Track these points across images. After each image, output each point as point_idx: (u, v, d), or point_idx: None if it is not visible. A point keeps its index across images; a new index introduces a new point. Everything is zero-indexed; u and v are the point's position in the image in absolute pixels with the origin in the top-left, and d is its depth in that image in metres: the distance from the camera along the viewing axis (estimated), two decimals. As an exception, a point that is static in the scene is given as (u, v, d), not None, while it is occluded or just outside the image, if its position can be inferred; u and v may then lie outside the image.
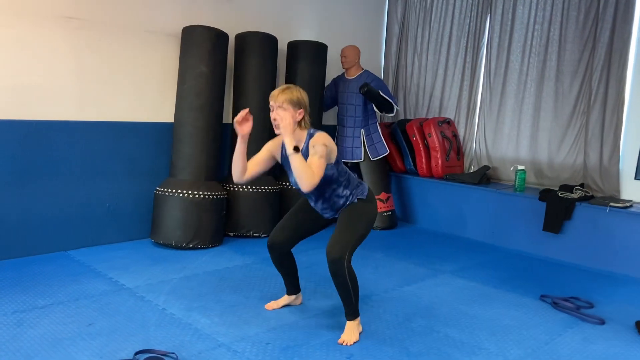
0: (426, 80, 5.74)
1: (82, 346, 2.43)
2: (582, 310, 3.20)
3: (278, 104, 2.53)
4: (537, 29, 4.89)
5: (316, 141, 2.53)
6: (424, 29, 5.72)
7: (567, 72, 4.71)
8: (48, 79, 3.66)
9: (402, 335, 2.73)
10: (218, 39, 4.13)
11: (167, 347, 2.46)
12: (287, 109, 2.52)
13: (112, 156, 4.01)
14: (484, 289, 3.52)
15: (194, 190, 3.97)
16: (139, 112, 4.13)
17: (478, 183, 4.96)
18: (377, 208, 2.81)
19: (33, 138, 3.63)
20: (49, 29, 3.62)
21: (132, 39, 4.01)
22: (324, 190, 2.64)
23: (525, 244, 4.53)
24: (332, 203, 2.68)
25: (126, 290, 3.14)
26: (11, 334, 2.51)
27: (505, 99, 5.12)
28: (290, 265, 2.92)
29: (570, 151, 4.74)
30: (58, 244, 3.80)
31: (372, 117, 5.05)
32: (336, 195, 2.66)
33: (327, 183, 2.61)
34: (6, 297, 2.93)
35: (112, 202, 4.05)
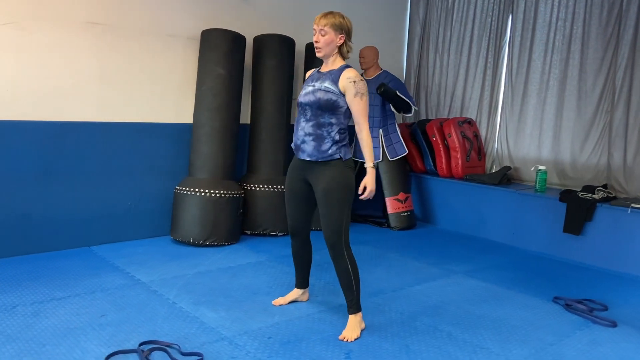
0: (447, 80, 5.71)
1: (91, 336, 2.54)
2: (595, 313, 3.13)
3: (320, 27, 2.60)
4: (559, 27, 4.80)
5: (355, 75, 2.60)
6: (446, 29, 5.69)
7: (590, 70, 4.61)
8: (72, 82, 3.82)
9: (404, 333, 2.74)
10: (235, 42, 4.23)
11: (172, 338, 2.54)
12: (328, 32, 2.59)
13: (133, 156, 4.15)
14: (496, 289, 3.49)
15: (211, 189, 4.07)
16: (160, 113, 4.27)
17: (498, 184, 4.90)
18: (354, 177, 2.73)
19: (58, 138, 3.80)
20: (73, 34, 3.78)
21: (153, 43, 4.14)
22: (321, 115, 2.63)
23: (545, 245, 4.45)
24: (318, 136, 2.63)
25: (141, 285, 3.25)
26: (27, 323, 2.64)
27: (527, 99, 5.05)
28: (308, 254, 2.98)
29: (594, 151, 4.63)
30: (82, 239, 3.96)
31: (390, 118, 5.05)
32: (328, 131, 2.62)
33: (329, 109, 2.61)
34: (28, 289, 3.09)
35: (133, 200, 4.19)
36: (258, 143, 4.51)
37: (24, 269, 3.41)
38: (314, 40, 2.65)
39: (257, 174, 4.52)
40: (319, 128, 2.64)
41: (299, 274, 3.05)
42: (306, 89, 2.70)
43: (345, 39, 2.66)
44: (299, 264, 3.01)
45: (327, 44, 2.63)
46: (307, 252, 2.98)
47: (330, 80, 2.62)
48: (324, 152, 2.64)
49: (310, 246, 2.98)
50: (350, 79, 2.59)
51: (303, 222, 2.87)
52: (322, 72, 2.71)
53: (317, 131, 2.64)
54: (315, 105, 2.62)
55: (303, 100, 2.68)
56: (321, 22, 2.62)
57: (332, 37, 2.61)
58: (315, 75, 2.74)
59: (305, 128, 2.67)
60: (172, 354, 2.39)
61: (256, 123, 4.54)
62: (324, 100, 2.60)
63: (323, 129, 2.63)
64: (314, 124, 2.65)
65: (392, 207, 5.03)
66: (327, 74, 2.66)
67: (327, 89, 2.61)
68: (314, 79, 2.72)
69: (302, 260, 3.00)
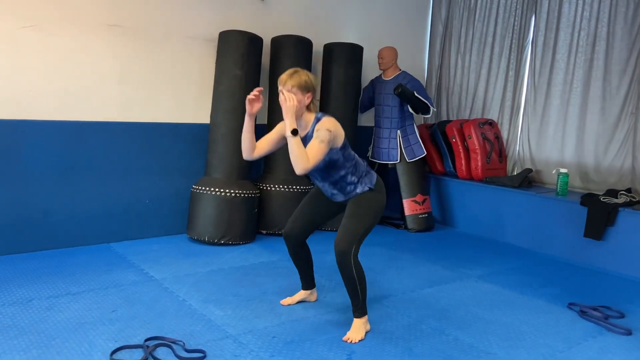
0: (469, 81, 5.63)
1: (101, 331, 2.61)
2: (610, 320, 3.05)
3: (287, 89, 2.56)
4: (583, 26, 4.69)
5: (321, 125, 2.56)
6: (468, 29, 5.62)
7: (615, 71, 4.49)
8: (93, 83, 3.92)
9: (409, 336, 2.72)
10: (252, 43, 4.27)
11: (178, 335, 2.59)
12: (295, 93, 2.55)
13: (151, 155, 4.23)
14: (508, 294, 3.43)
15: (226, 189, 4.12)
16: (178, 113, 4.34)
17: (519, 186, 4.81)
18: (385, 199, 2.80)
19: (79, 138, 3.90)
20: (95, 36, 3.88)
21: (171, 44, 4.22)
22: (330, 174, 2.67)
23: (565, 250, 4.35)
24: (340, 188, 2.72)
25: (153, 281, 3.32)
26: (41, 316, 2.73)
27: (550, 100, 4.94)
28: (306, 258, 2.98)
29: (618, 154, 4.51)
30: (101, 236, 4.06)
31: (409, 119, 5.02)
32: (344, 181, 2.69)
33: (333, 167, 2.64)
34: (45, 283, 3.19)
35: (151, 199, 4.27)
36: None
37: (43, 264, 3.52)
38: (280, 101, 2.55)
39: (274, 174, 4.55)
40: (337, 184, 2.72)
41: (302, 275, 3.06)
42: None
43: (312, 97, 2.63)
44: (300, 266, 3.01)
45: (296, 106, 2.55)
46: (304, 254, 2.97)
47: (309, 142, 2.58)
48: (351, 193, 2.73)
49: (307, 248, 2.97)
50: (317, 131, 2.53)
51: (303, 228, 2.87)
52: (301, 136, 2.62)
53: (337, 186, 2.73)
54: (320, 170, 2.67)
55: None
56: (288, 83, 2.56)
57: (299, 97, 2.56)
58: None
59: (326, 186, 2.77)
60: (176, 350, 2.43)
61: (272, 124, 4.56)
62: (322, 165, 2.63)
63: (340, 182, 2.71)
64: (330, 183, 2.73)
65: (409, 209, 5.00)
66: (307, 139, 2.62)
67: None
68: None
69: (301, 263, 2.99)
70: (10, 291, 3.03)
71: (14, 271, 3.36)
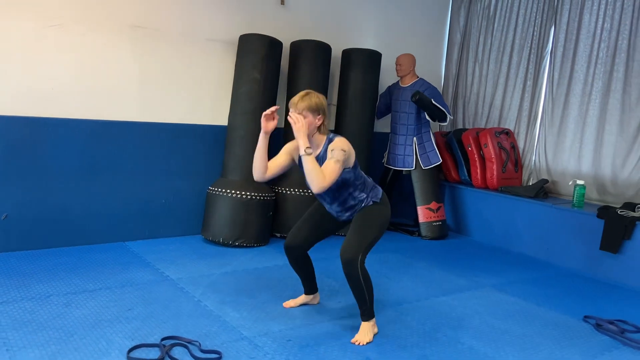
0: (486, 90, 5.62)
1: (117, 329, 2.63)
2: (626, 334, 3.02)
3: (298, 112, 2.58)
4: (604, 38, 4.66)
5: (335, 145, 2.59)
6: (486, 38, 5.61)
7: (635, 83, 4.46)
8: (114, 83, 3.97)
9: (424, 344, 2.72)
10: (272, 47, 4.30)
11: (193, 335, 2.60)
12: (306, 115, 2.58)
13: (169, 156, 4.27)
14: (524, 305, 3.41)
15: (242, 191, 4.14)
16: (196, 115, 4.38)
17: (534, 197, 4.79)
18: (390, 212, 2.82)
19: (99, 137, 3.95)
20: (117, 37, 3.93)
21: (192, 47, 4.26)
22: (340, 193, 2.71)
23: (581, 262, 4.32)
24: (347, 206, 2.75)
25: (169, 281, 3.34)
26: (59, 312, 2.76)
27: (568, 111, 4.92)
28: (307, 267, 2.98)
29: (636, 167, 4.47)
30: (117, 235, 4.10)
31: (425, 126, 5.02)
32: (352, 198, 2.72)
33: (345, 186, 2.68)
34: (63, 280, 3.22)
35: (168, 199, 4.31)
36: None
37: (61, 261, 3.56)
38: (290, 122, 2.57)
39: (289, 177, 4.56)
40: (345, 203, 2.74)
41: (304, 282, 3.06)
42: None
43: (323, 119, 2.65)
44: (301, 274, 3.01)
45: (307, 126, 2.58)
46: (305, 262, 2.96)
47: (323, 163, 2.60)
48: (357, 210, 2.75)
49: (308, 258, 2.97)
50: (330, 149, 2.57)
51: (306, 240, 2.87)
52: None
53: (345, 205, 2.75)
54: (330, 191, 2.68)
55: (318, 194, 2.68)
56: (299, 106, 2.58)
57: (310, 119, 2.59)
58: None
59: (333, 209, 2.79)
60: (192, 350, 2.45)
61: (290, 128, 4.58)
62: (334, 187, 2.64)
63: (347, 201, 2.73)
64: (339, 204, 2.75)
65: (423, 216, 4.99)
66: (319, 160, 2.64)
67: None
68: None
69: (302, 272, 3.00)
70: (29, 286, 3.07)
71: (33, 267, 3.41)
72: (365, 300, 2.68)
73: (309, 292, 3.09)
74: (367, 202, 2.74)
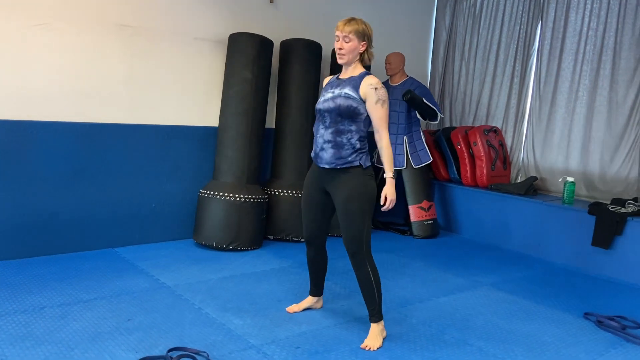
0: (473, 88, 5.64)
1: (119, 341, 2.53)
2: (627, 330, 3.05)
3: (344, 34, 2.57)
4: (590, 36, 4.72)
5: (376, 82, 2.58)
6: (472, 36, 5.63)
7: (621, 81, 4.52)
8: (102, 84, 3.84)
9: (433, 347, 2.69)
10: (262, 46, 4.22)
11: (200, 345, 2.52)
12: (352, 39, 2.57)
13: (159, 158, 4.15)
14: (524, 303, 3.42)
15: (235, 193, 4.05)
16: (186, 116, 4.27)
17: (524, 194, 4.83)
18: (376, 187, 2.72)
19: (86, 140, 3.81)
20: (104, 36, 3.80)
21: (180, 46, 4.15)
22: (343, 120, 2.60)
23: (572, 258, 4.36)
24: (339, 143, 2.60)
25: (166, 288, 3.24)
26: (56, 325, 2.64)
27: (556, 108, 4.97)
28: (323, 262, 2.96)
29: (624, 163, 4.54)
30: (106, 241, 3.97)
31: (415, 125, 5.01)
32: (348, 139, 2.60)
33: (350, 116, 2.58)
34: (55, 290, 3.09)
35: (158, 203, 4.19)
36: (282, 148, 4.49)
37: (51, 270, 3.42)
38: (338, 47, 2.61)
39: (281, 179, 4.50)
40: (339, 135, 2.61)
41: (314, 281, 3.02)
42: (325, 95, 2.67)
43: (367, 46, 2.65)
44: (315, 272, 2.98)
45: (351, 50, 2.61)
46: (322, 260, 2.95)
47: (351, 86, 2.60)
48: (343, 158, 2.61)
49: (325, 254, 2.95)
50: (371, 86, 2.57)
51: (319, 231, 2.84)
52: (341, 78, 2.69)
53: (337, 138, 2.62)
54: (335, 112, 2.59)
55: (322, 107, 2.65)
56: (345, 28, 2.59)
57: (355, 44, 2.60)
58: (334, 82, 2.71)
59: (325, 135, 2.65)
60: (201, 361, 2.37)
61: (281, 128, 4.52)
62: (344, 107, 2.57)
63: (343, 136, 2.61)
64: (333, 131, 2.62)
65: (415, 215, 4.98)
66: (347, 81, 2.64)
67: (348, 96, 2.58)
68: (333, 85, 2.69)
69: (317, 268, 2.97)
70: (21, 298, 2.94)
71: (21, 277, 3.26)
72: (375, 297, 2.65)
73: (315, 293, 3.03)
74: (353, 160, 2.60)
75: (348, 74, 2.67)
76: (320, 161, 2.68)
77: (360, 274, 2.64)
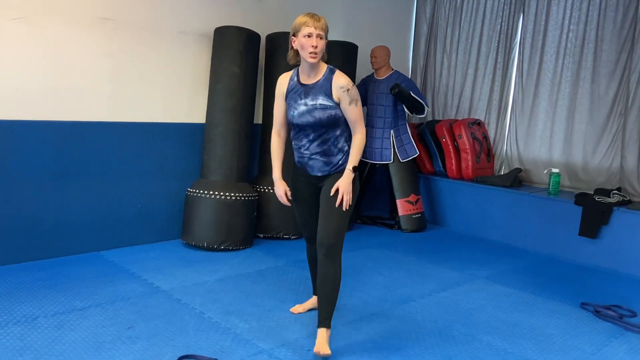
0: (455, 81, 5.66)
1: (123, 350, 2.42)
2: (625, 319, 3.11)
3: (318, 32, 2.40)
4: (572, 29, 4.79)
5: (345, 82, 2.46)
6: (454, 29, 5.64)
7: (603, 73, 4.61)
8: (83, 80, 3.66)
9: (444, 344, 2.68)
10: (250, 40, 4.11)
11: (208, 352, 2.44)
12: (323, 38, 2.42)
13: (144, 157, 4.01)
14: (522, 295, 3.45)
15: (225, 192, 3.95)
16: (171, 113, 4.12)
17: (510, 186, 4.88)
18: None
19: (68, 139, 3.63)
20: (85, 30, 3.62)
21: (164, 40, 4.00)
22: (326, 131, 2.50)
23: (559, 248, 4.44)
24: (327, 152, 2.53)
25: (162, 293, 3.13)
26: (53, 336, 2.51)
27: (538, 101, 5.03)
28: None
29: (607, 154, 4.64)
30: (91, 244, 3.81)
31: (402, 118, 4.99)
32: (335, 145, 2.53)
33: (332, 124, 2.49)
34: (45, 298, 2.94)
35: (143, 203, 4.05)
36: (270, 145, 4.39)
37: (37, 276, 3.26)
38: (312, 46, 2.38)
39: (269, 175, 4.38)
40: (325, 144, 2.52)
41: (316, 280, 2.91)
42: (297, 107, 2.50)
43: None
44: (316, 269, 2.86)
45: (323, 49, 2.44)
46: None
47: (323, 94, 2.45)
48: (335, 165, 2.55)
49: None
50: (343, 88, 2.44)
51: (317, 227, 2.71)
52: (305, 84, 2.49)
53: (324, 147, 2.53)
54: (318, 125, 2.49)
55: (300, 122, 2.50)
56: (319, 24, 2.41)
57: (325, 41, 2.44)
58: (298, 89, 2.51)
59: (311, 148, 2.54)
60: (213, 369, 2.29)
61: (269, 124, 4.41)
62: (325, 118, 2.47)
63: (329, 143, 2.53)
64: (320, 142, 2.52)
65: (403, 209, 4.97)
66: (316, 88, 2.46)
67: (324, 106, 2.45)
68: (299, 93, 2.50)
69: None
70: (10, 308, 2.78)
71: (7, 285, 3.09)
72: (334, 300, 2.51)
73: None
74: (344, 163, 2.53)
75: (312, 78, 2.49)
76: (310, 170, 2.59)
77: (327, 270, 2.48)
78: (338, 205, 2.47)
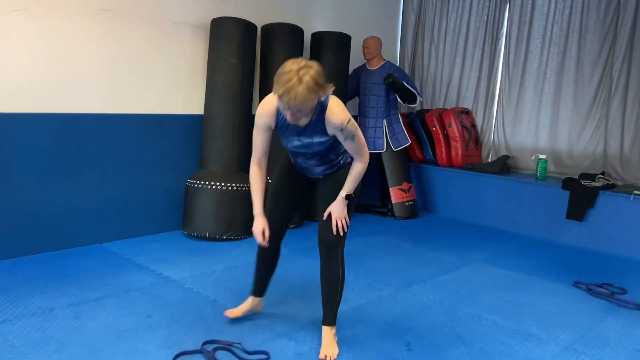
0: (443, 71, 5.78)
1: (146, 338, 2.46)
2: (617, 296, 3.29)
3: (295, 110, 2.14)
4: (557, 19, 4.94)
5: (343, 118, 2.24)
6: (441, 19, 5.75)
7: (587, 62, 4.78)
8: (80, 72, 3.64)
9: (452, 323, 2.80)
10: (247, 31, 4.14)
11: (229, 337, 2.50)
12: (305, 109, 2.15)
13: (143, 148, 4.01)
14: (518, 276, 3.60)
15: (226, 182, 3.99)
16: (169, 104, 4.13)
17: (499, 172, 5.03)
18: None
19: (66, 131, 3.62)
20: (83, 21, 3.59)
21: (161, 31, 3.99)
22: (326, 154, 2.41)
23: (548, 231, 4.62)
24: (326, 160, 2.43)
25: (172, 282, 3.17)
26: (73, 326, 2.53)
27: (525, 89, 5.19)
28: (277, 260, 2.72)
29: (591, 140, 4.82)
30: (93, 236, 3.81)
31: (394, 108, 5.09)
32: (336, 155, 2.43)
33: (333, 148, 2.39)
34: (57, 290, 2.95)
35: (143, 194, 4.06)
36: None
37: (44, 269, 3.26)
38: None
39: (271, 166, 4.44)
40: (326, 157, 2.42)
41: (262, 280, 2.73)
42: (291, 141, 2.37)
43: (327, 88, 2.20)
44: (266, 269, 2.70)
45: (309, 113, 2.22)
46: (277, 256, 2.70)
47: (318, 133, 2.30)
48: (335, 165, 2.46)
49: (280, 251, 2.70)
50: (337, 128, 2.25)
51: (286, 222, 2.61)
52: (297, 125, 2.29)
53: (324, 159, 2.43)
54: (317, 153, 2.40)
55: (297, 151, 2.42)
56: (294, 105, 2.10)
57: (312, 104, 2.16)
58: (288, 126, 2.32)
59: (310, 162, 2.46)
60: (237, 353, 2.35)
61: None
62: (324, 149, 2.37)
63: (330, 155, 2.42)
64: (319, 158, 2.43)
65: (396, 197, 5.09)
66: (309, 128, 2.30)
67: (321, 142, 2.33)
68: (291, 131, 2.33)
69: (270, 265, 2.70)
70: (23, 301, 2.79)
71: (15, 278, 3.09)
72: (337, 298, 2.46)
73: (259, 293, 2.75)
74: (344, 159, 2.45)
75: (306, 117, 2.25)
76: (310, 173, 2.52)
77: (330, 269, 2.42)
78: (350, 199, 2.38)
